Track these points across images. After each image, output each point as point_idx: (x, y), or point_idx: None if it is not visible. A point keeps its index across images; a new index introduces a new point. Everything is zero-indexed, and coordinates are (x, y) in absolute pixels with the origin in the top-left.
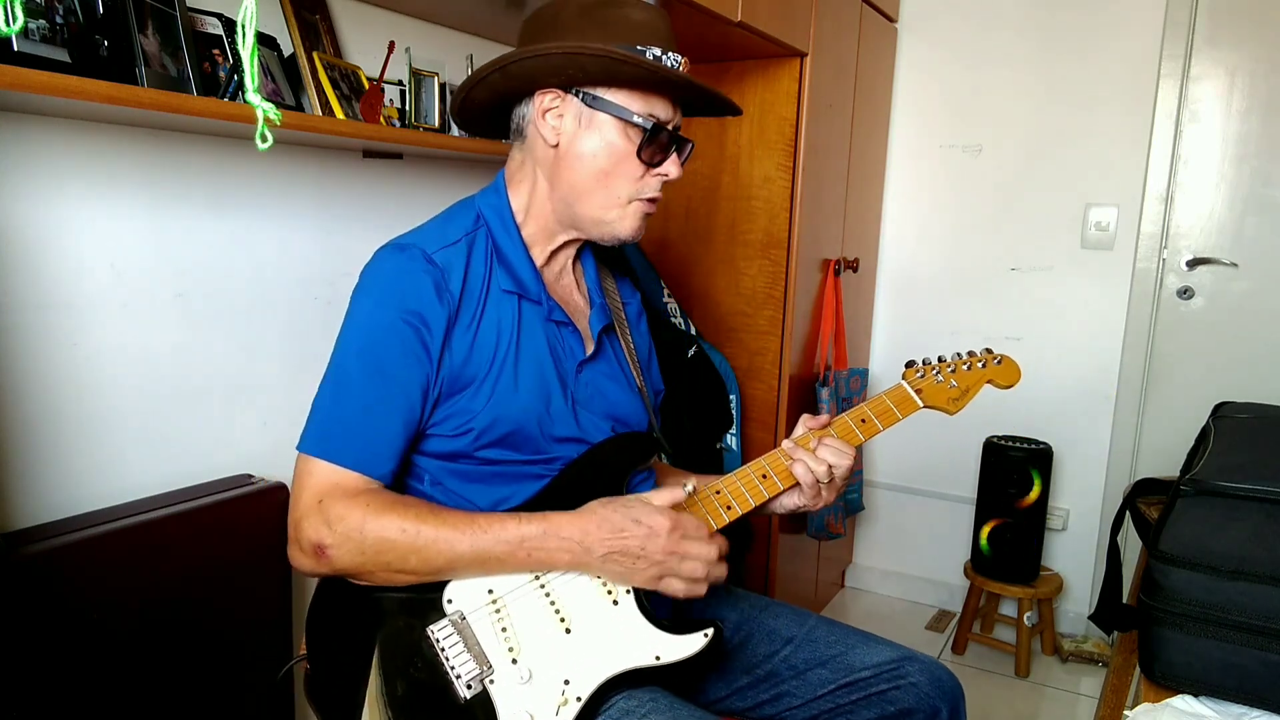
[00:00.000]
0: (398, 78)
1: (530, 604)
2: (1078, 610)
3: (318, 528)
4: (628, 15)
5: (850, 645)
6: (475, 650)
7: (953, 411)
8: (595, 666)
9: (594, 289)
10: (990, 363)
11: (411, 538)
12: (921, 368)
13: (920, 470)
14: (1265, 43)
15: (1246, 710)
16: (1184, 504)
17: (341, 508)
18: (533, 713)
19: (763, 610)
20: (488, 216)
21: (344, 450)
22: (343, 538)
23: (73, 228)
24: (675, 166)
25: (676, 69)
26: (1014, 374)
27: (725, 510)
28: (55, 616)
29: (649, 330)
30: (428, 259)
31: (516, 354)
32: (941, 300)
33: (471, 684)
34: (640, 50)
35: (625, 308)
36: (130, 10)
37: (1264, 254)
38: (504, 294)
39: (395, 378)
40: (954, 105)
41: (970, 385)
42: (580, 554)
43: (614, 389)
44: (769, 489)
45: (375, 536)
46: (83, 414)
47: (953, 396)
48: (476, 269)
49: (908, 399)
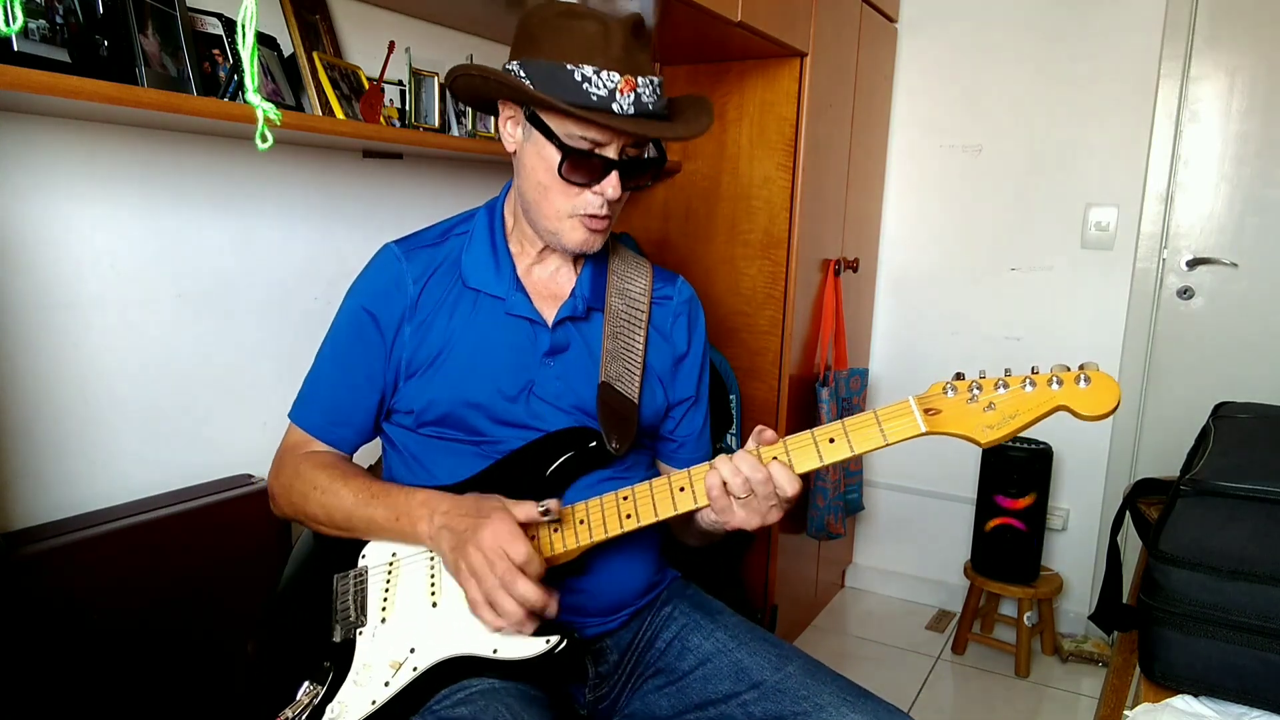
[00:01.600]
0: (398, 78)
1: (416, 572)
2: (1078, 610)
3: (272, 478)
4: (580, 28)
5: (821, 704)
6: (359, 602)
7: (983, 442)
8: (442, 643)
9: (585, 283)
10: (1071, 382)
11: (320, 493)
12: (956, 383)
13: (920, 470)
14: (1265, 43)
15: (1246, 710)
16: (1184, 504)
17: (289, 463)
18: (373, 667)
19: (741, 645)
20: (480, 216)
21: (308, 417)
22: (282, 486)
23: (73, 228)
24: (611, 187)
25: (609, 91)
26: (1108, 399)
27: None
28: (55, 616)
29: (689, 336)
30: (401, 254)
31: (462, 345)
32: (942, 300)
33: (347, 631)
34: (571, 70)
35: (658, 305)
36: (130, 10)
37: (1264, 254)
38: (467, 290)
39: (353, 365)
40: (954, 105)
41: (1025, 410)
42: (430, 525)
43: (588, 383)
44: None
45: (299, 491)
46: (83, 414)
47: (988, 423)
48: (447, 267)
49: (906, 419)
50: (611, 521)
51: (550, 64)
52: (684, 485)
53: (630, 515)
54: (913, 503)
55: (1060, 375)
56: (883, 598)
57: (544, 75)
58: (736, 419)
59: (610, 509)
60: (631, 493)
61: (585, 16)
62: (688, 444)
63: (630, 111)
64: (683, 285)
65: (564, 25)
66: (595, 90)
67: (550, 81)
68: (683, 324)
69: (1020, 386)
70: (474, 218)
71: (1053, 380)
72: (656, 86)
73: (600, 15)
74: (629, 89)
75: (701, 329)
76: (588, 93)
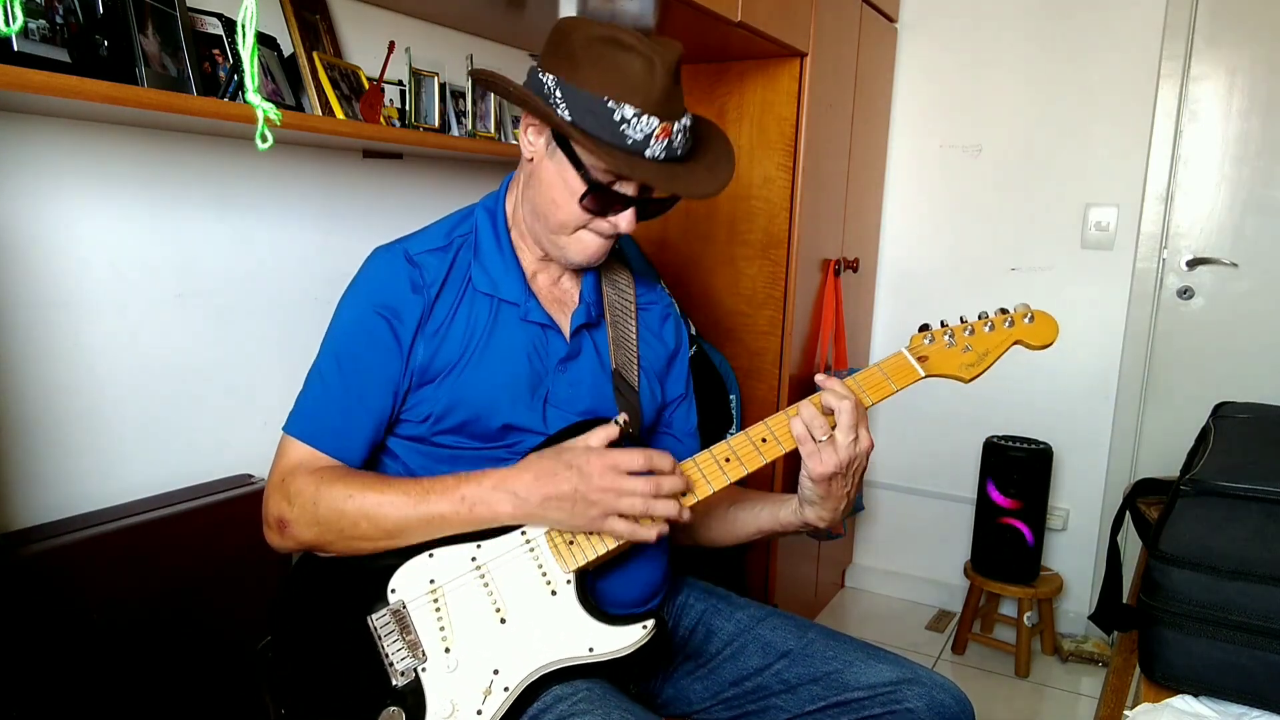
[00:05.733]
0: (398, 78)
1: (468, 594)
2: (1078, 610)
3: (279, 503)
4: (624, 63)
5: (848, 662)
6: (411, 639)
7: (967, 379)
8: (527, 657)
9: (589, 289)
10: (1020, 320)
11: (359, 503)
12: (932, 333)
13: (920, 470)
14: (1265, 43)
15: (1246, 710)
16: (1184, 504)
17: (300, 483)
18: (456, 701)
19: (760, 622)
20: (480, 219)
21: (314, 432)
22: (300, 510)
23: (73, 227)
24: (626, 221)
25: (645, 136)
26: (1050, 331)
27: (723, 465)
28: (55, 616)
29: (676, 334)
30: (408, 259)
31: (483, 351)
32: (942, 300)
33: (405, 672)
34: (611, 108)
35: (643, 311)
36: (130, 10)
37: (1264, 254)
38: (480, 295)
39: (365, 370)
40: (954, 105)
41: (992, 348)
42: (520, 504)
43: (595, 388)
44: (769, 453)
45: (327, 506)
46: (83, 414)
47: (967, 362)
48: (457, 272)
49: (906, 368)
50: (716, 478)
51: (590, 96)
52: (765, 436)
53: (729, 459)
54: (913, 503)
55: (1012, 316)
56: (883, 598)
57: (582, 105)
58: (736, 419)
59: (708, 466)
60: (729, 447)
61: (631, 50)
62: (687, 440)
63: (661, 157)
64: (661, 291)
65: (609, 56)
66: (632, 133)
67: (588, 114)
68: (670, 324)
69: (983, 328)
70: (471, 218)
71: (1006, 320)
72: (687, 130)
73: (646, 51)
74: (664, 136)
75: (684, 330)
76: (624, 134)
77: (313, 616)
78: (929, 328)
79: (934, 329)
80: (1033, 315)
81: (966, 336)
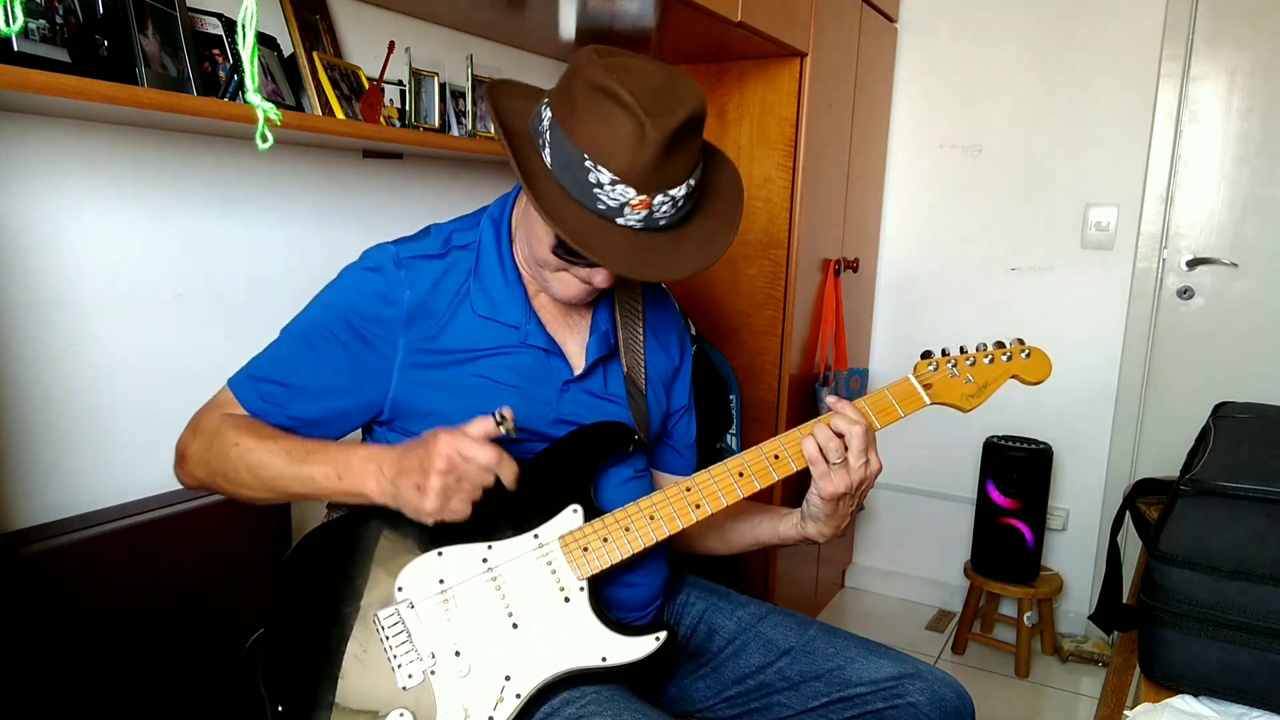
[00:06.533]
0: (398, 78)
1: (480, 595)
2: (1078, 610)
3: (185, 435)
4: (616, 122)
5: (850, 658)
6: (419, 640)
7: (967, 409)
8: (539, 664)
9: (603, 316)
10: (1017, 355)
11: (242, 451)
12: (936, 360)
13: (920, 470)
14: (1265, 43)
15: (1246, 710)
16: (1184, 504)
17: (208, 420)
18: (468, 708)
19: (761, 619)
20: (484, 231)
21: (248, 395)
22: (198, 447)
23: (72, 227)
24: (602, 278)
25: (618, 205)
26: (1044, 369)
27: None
28: (55, 616)
29: (681, 345)
30: (394, 262)
31: (483, 370)
32: (942, 300)
33: (413, 674)
34: (587, 167)
35: (651, 319)
36: (130, 10)
37: (1264, 254)
38: (479, 319)
39: (318, 359)
40: (954, 105)
41: (990, 380)
42: (380, 478)
43: (603, 410)
44: (780, 470)
45: (218, 448)
46: (83, 414)
47: (968, 393)
48: (448, 285)
49: (913, 395)
50: (730, 492)
51: (573, 149)
52: (778, 453)
53: (742, 474)
54: (913, 503)
55: (1009, 350)
56: (883, 598)
57: (563, 157)
58: (736, 419)
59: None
60: (742, 461)
61: (626, 110)
62: (685, 452)
63: (637, 225)
64: (668, 299)
65: (602, 110)
66: (604, 198)
67: (565, 168)
68: (675, 336)
69: (983, 360)
70: (477, 228)
71: (1004, 354)
72: (680, 200)
73: (642, 114)
74: (642, 207)
75: (688, 341)
76: (595, 196)
77: (312, 608)
78: (931, 354)
79: (937, 356)
80: (1029, 351)
81: (968, 367)
